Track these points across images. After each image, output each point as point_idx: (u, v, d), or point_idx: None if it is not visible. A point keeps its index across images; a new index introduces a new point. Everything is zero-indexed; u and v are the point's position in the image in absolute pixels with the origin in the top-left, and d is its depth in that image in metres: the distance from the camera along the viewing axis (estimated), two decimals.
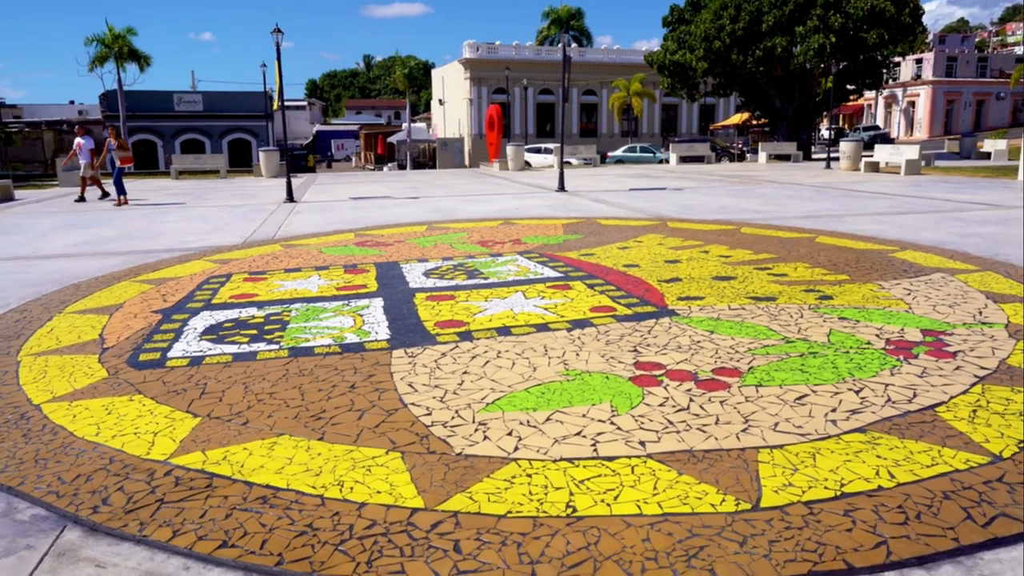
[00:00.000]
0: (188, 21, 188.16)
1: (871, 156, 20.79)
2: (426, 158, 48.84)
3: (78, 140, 15.22)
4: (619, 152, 35.07)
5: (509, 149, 26.13)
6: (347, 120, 71.80)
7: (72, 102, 58.61)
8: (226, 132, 39.28)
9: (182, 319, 5.01)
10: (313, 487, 2.58)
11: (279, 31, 13.42)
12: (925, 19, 28.14)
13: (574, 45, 50.53)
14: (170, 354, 4.19)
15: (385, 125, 61.91)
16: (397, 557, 2.14)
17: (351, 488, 2.57)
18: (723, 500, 2.42)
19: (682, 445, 2.85)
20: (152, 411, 3.32)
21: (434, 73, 54.71)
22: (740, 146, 39.35)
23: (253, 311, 5.20)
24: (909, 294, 5.29)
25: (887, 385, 3.45)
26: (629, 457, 2.76)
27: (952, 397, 3.28)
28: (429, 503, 2.46)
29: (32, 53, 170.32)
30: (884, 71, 30.42)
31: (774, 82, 29.33)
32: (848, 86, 30.55)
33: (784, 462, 2.68)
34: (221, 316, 5.07)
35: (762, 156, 27.72)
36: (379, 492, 2.54)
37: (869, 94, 52.47)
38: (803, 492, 2.45)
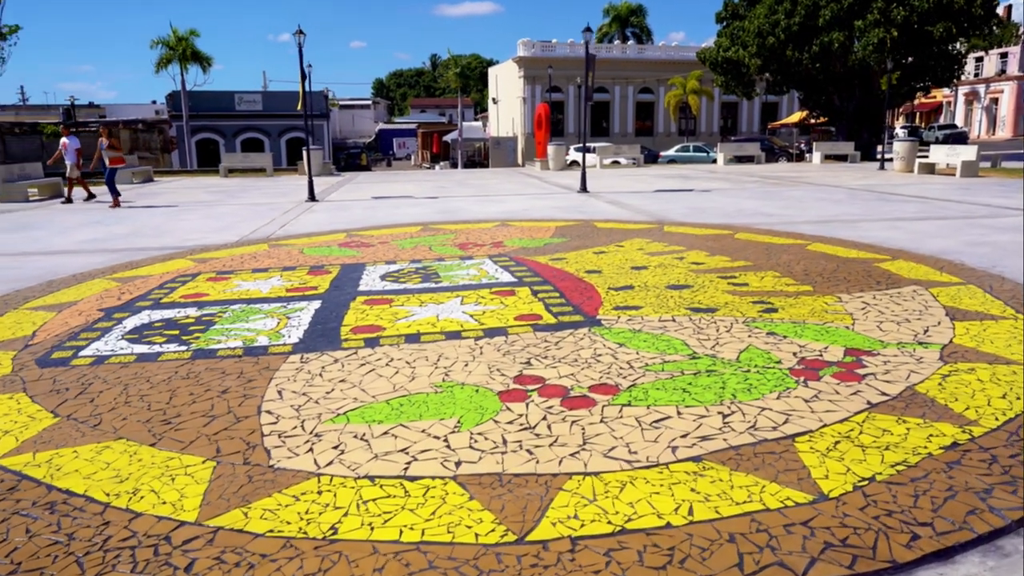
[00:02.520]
0: (267, 23, 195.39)
1: (926, 157, 19.57)
2: (481, 156, 49.19)
3: (63, 140, 15.30)
4: (671, 152, 34.32)
5: (550, 148, 25.96)
6: (408, 119, 73.03)
7: (154, 102, 62.00)
8: (284, 131, 40.61)
9: (121, 317, 5.17)
10: (107, 494, 2.60)
11: (301, 32, 13.75)
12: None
13: (631, 42, 49.78)
14: (82, 353, 4.33)
15: (447, 124, 62.67)
16: (127, 572, 2.12)
17: (142, 497, 2.57)
18: (493, 530, 2.29)
19: (497, 467, 2.72)
20: (20, 410, 3.43)
21: (490, 72, 54.97)
22: (800, 145, 37.81)
23: (192, 311, 5.32)
24: (863, 308, 4.92)
25: (763, 409, 3.20)
26: (434, 478, 2.66)
27: (825, 425, 3.02)
28: (202, 517, 2.43)
29: (121, 55, 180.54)
30: (956, 67, 28.56)
31: (832, 79, 28.00)
32: (914, 83, 28.82)
33: (588, 491, 2.52)
34: (158, 316, 5.21)
35: (816, 156, 26.52)
36: (164, 503, 2.53)
37: (948, 91, 49.50)
38: (581, 526, 2.29)
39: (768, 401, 3.30)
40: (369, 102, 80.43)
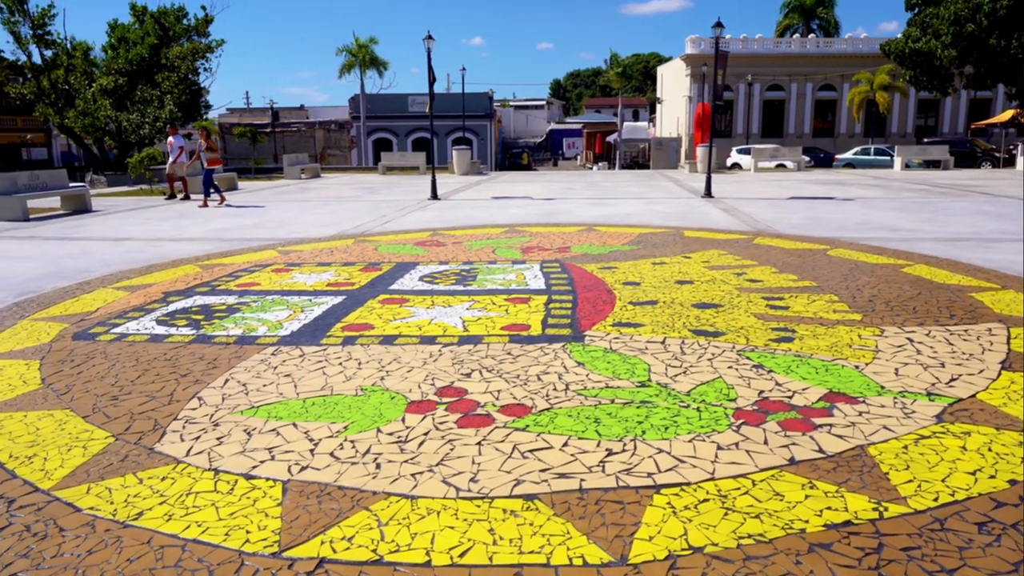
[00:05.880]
0: (462, 28, 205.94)
1: None
2: (644, 157, 48.23)
3: (169, 139, 15.83)
4: (848, 155, 31.28)
5: (699, 150, 24.79)
6: (579, 119, 73.45)
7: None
8: (451, 131, 42.71)
9: (173, 300, 5.80)
10: (11, 456, 2.96)
11: (430, 37, 14.37)
12: None
13: (812, 35, 45.98)
14: (115, 330, 4.93)
15: (614, 124, 62.16)
16: None
17: (32, 462, 2.89)
18: (265, 539, 2.28)
19: (331, 478, 2.70)
20: (22, 375, 3.99)
21: (658, 71, 53.54)
22: (1014, 148, 32.50)
23: (231, 299, 5.82)
24: (900, 346, 4.16)
25: (660, 452, 2.85)
26: (268, 479, 2.70)
27: (711, 479, 2.62)
28: (56, 487, 2.68)
29: (334, 61, 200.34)
30: None
31: None
32: None
33: (387, 515, 2.41)
34: (202, 301, 5.77)
35: (1021, 162, 22.72)
36: (43, 470, 2.83)
37: None
38: (345, 549, 2.21)
39: (676, 443, 2.94)
40: (543, 103, 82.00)
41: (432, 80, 14.85)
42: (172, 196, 15.77)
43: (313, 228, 10.43)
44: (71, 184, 15.41)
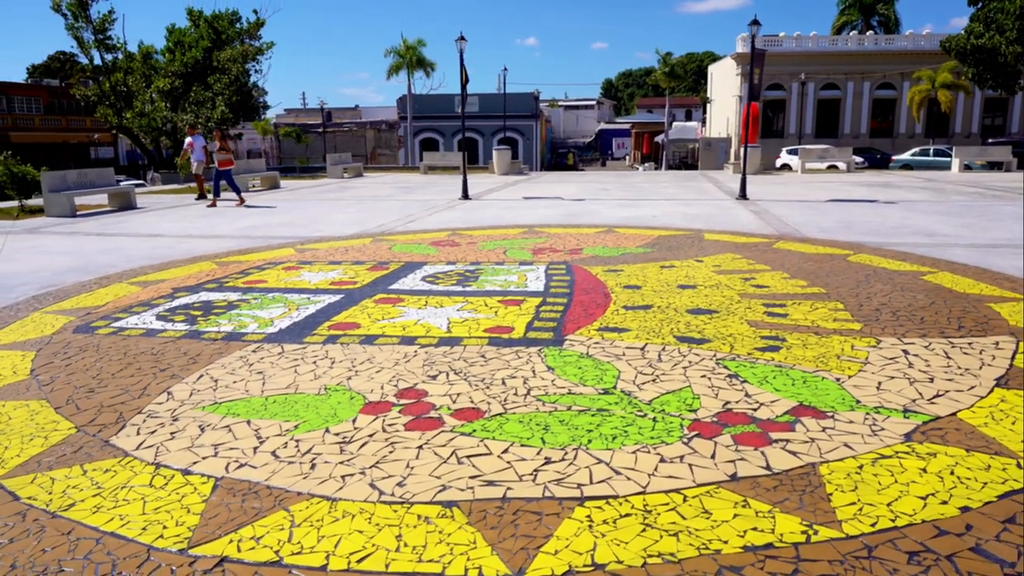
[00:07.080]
0: (517, 29, 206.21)
1: None
2: (693, 158, 47.39)
3: (189, 139, 15.89)
4: (905, 155, 29.99)
5: (743, 151, 24.17)
6: (627, 119, 72.65)
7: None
8: (497, 131, 42.81)
9: (180, 296, 5.97)
10: None
11: (463, 39, 14.42)
12: None
13: (870, 32, 44.32)
14: (115, 324, 5.10)
15: (663, 124, 61.28)
16: None
17: None
18: (178, 536, 2.31)
19: (263, 477, 2.72)
20: (14, 367, 4.16)
21: (710, 70, 52.49)
22: None
23: (234, 296, 5.95)
24: (892, 358, 3.95)
25: (599, 462, 2.77)
26: (203, 475, 2.74)
27: (641, 493, 2.53)
28: (6, 476, 2.78)
29: (386, 63, 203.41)
30: None
31: None
32: None
33: (303, 516, 2.41)
34: (205, 297, 5.92)
35: None
36: (2, 461, 2.94)
37: None
38: (251, 549, 2.22)
39: (619, 454, 2.85)
40: (593, 102, 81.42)
41: (464, 81, 14.91)
42: (203, 196, 16.03)
43: (338, 227, 10.61)
44: (120, 182, 16.09)
